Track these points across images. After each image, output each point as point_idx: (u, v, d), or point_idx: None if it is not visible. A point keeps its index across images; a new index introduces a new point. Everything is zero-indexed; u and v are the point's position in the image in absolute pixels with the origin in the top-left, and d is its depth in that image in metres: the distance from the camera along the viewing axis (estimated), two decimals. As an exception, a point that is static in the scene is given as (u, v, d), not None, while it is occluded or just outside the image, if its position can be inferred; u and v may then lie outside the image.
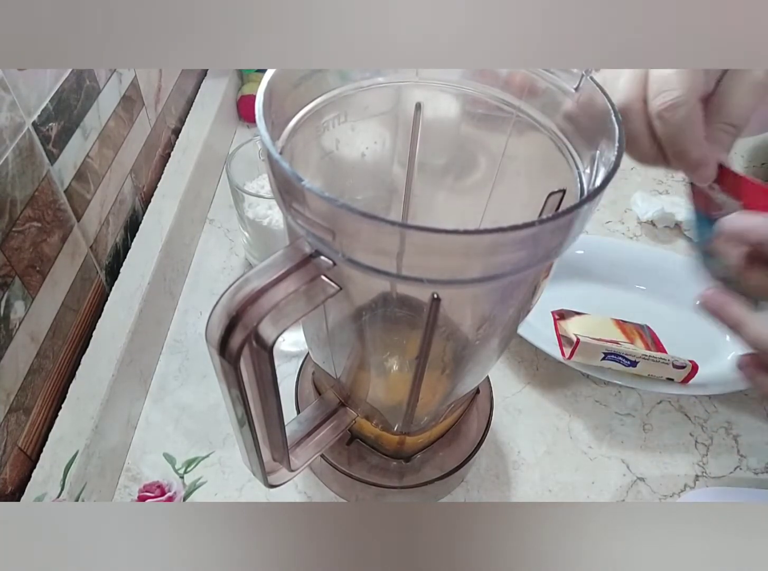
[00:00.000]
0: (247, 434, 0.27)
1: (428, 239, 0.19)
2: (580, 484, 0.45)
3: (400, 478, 0.40)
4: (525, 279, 0.26)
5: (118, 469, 0.44)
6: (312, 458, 0.35)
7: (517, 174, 0.32)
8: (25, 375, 0.37)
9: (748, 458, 0.47)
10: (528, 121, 0.29)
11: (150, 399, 0.49)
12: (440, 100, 0.32)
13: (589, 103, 0.26)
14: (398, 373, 0.38)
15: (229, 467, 0.45)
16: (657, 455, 0.47)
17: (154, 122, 0.59)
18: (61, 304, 0.42)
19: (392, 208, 0.38)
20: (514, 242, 0.20)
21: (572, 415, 0.49)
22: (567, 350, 0.48)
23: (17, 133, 0.36)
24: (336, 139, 0.32)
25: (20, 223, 0.36)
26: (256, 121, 0.23)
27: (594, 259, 0.57)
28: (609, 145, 0.24)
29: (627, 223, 0.66)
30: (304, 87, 0.28)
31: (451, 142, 0.35)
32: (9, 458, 0.36)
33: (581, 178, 0.26)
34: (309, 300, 0.23)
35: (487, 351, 0.33)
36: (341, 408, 0.37)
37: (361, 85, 0.30)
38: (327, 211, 0.21)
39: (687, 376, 0.47)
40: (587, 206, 0.21)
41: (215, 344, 0.22)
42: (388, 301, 0.35)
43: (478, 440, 0.41)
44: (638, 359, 0.47)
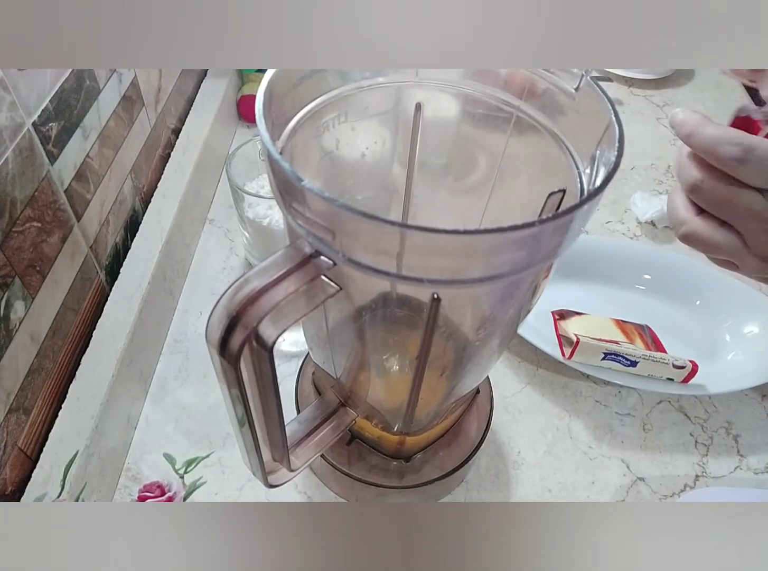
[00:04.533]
0: (247, 434, 0.27)
1: (428, 239, 0.19)
2: (580, 484, 0.45)
3: (400, 478, 0.40)
4: (525, 279, 0.26)
5: (118, 469, 0.44)
6: (312, 458, 0.35)
7: (517, 174, 0.32)
8: (25, 375, 0.37)
9: (748, 458, 0.47)
10: (528, 121, 0.29)
11: (150, 399, 0.49)
12: (440, 100, 0.32)
13: (590, 103, 0.26)
14: (398, 373, 0.38)
15: (229, 467, 0.45)
16: (657, 455, 0.47)
17: (154, 122, 0.59)
18: (61, 304, 0.42)
19: (392, 208, 0.38)
20: (514, 242, 0.20)
21: (572, 415, 0.49)
22: (567, 350, 0.48)
23: (17, 133, 0.36)
24: (336, 139, 0.32)
25: (20, 223, 0.36)
26: (256, 121, 0.22)
27: (594, 259, 0.57)
28: (609, 145, 0.24)
29: (627, 223, 0.66)
30: (304, 87, 0.28)
31: (451, 142, 0.35)
32: (9, 458, 0.36)
33: (581, 178, 0.26)
34: (309, 300, 0.23)
35: (487, 351, 0.33)
36: (341, 408, 0.37)
37: (361, 85, 0.30)
38: (327, 211, 0.21)
39: (687, 376, 0.47)
40: (587, 206, 0.21)
41: (215, 344, 0.22)
42: (388, 301, 0.35)
43: (478, 440, 0.41)
44: (638, 359, 0.47)
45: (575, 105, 0.27)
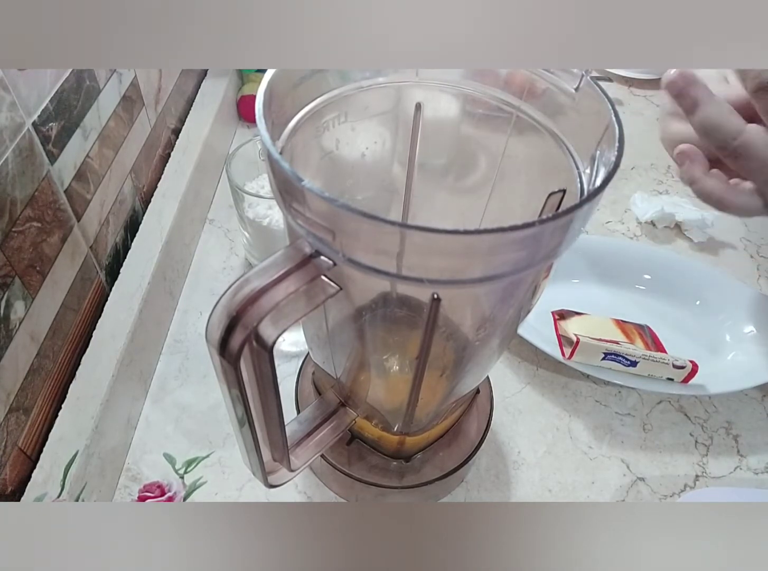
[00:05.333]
0: (247, 434, 0.27)
1: (428, 239, 0.19)
2: (580, 484, 0.45)
3: (400, 478, 0.40)
4: (525, 279, 0.26)
5: (118, 469, 0.44)
6: (312, 459, 0.35)
7: (517, 174, 0.32)
8: (25, 375, 0.37)
9: (748, 458, 0.47)
10: (528, 121, 0.29)
11: (150, 399, 0.49)
12: (440, 100, 0.32)
13: (590, 103, 0.26)
14: (398, 373, 0.38)
15: (229, 467, 0.45)
16: (657, 455, 0.47)
17: (154, 122, 0.59)
18: (61, 304, 0.42)
19: (392, 208, 0.38)
20: (514, 242, 0.20)
21: (572, 415, 0.49)
22: (567, 350, 0.48)
23: (17, 133, 0.36)
24: (336, 139, 0.32)
25: (20, 223, 0.36)
26: (256, 121, 0.23)
27: (594, 259, 0.57)
28: (609, 145, 0.24)
29: (627, 223, 0.66)
30: (304, 87, 0.28)
31: (451, 142, 0.35)
32: (9, 458, 0.36)
33: (581, 178, 0.26)
34: (309, 300, 0.23)
35: (487, 351, 0.33)
36: (341, 408, 0.37)
37: (361, 85, 0.30)
38: (327, 211, 0.21)
39: (687, 376, 0.47)
40: (587, 206, 0.21)
41: (215, 344, 0.22)
42: (388, 301, 0.35)
43: (478, 440, 0.41)
44: (638, 359, 0.47)
45: (575, 105, 0.27)
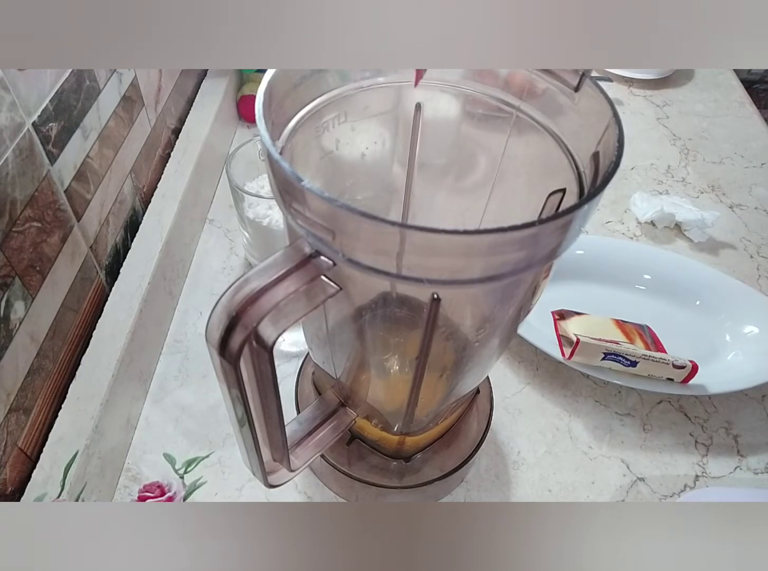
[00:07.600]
0: (247, 434, 0.27)
1: (428, 239, 0.19)
2: (580, 484, 0.45)
3: (400, 478, 0.40)
4: (525, 279, 0.26)
5: (118, 469, 0.44)
6: (312, 458, 0.35)
7: (517, 174, 0.32)
8: (25, 375, 0.37)
9: (748, 458, 0.47)
10: (528, 121, 0.29)
11: (150, 399, 0.49)
12: (440, 100, 0.32)
13: (590, 103, 0.26)
14: (398, 373, 0.38)
15: (229, 467, 0.45)
16: (657, 455, 0.47)
17: (154, 122, 0.59)
18: (61, 304, 0.42)
19: (392, 208, 0.38)
20: (514, 242, 0.20)
21: (572, 415, 0.49)
22: (567, 350, 0.48)
23: (17, 133, 0.36)
24: (336, 139, 0.32)
25: (20, 223, 0.36)
26: (256, 121, 0.23)
27: (594, 259, 0.57)
28: (609, 145, 0.24)
29: (627, 224, 0.66)
30: (304, 87, 0.28)
31: (451, 142, 0.35)
32: (9, 458, 0.36)
33: (581, 178, 0.26)
34: (309, 300, 0.23)
35: (487, 351, 0.33)
36: (341, 408, 0.37)
37: (361, 85, 0.30)
38: (327, 211, 0.21)
39: (687, 376, 0.47)
40: (587, 206, 0.21)
41: (215, 344, 0.22)
42: (388, 301, 0.35)
43: (478, 440, 0.41)
44: (638, 359, 0.47)
45: (575, 105, 0.27)
